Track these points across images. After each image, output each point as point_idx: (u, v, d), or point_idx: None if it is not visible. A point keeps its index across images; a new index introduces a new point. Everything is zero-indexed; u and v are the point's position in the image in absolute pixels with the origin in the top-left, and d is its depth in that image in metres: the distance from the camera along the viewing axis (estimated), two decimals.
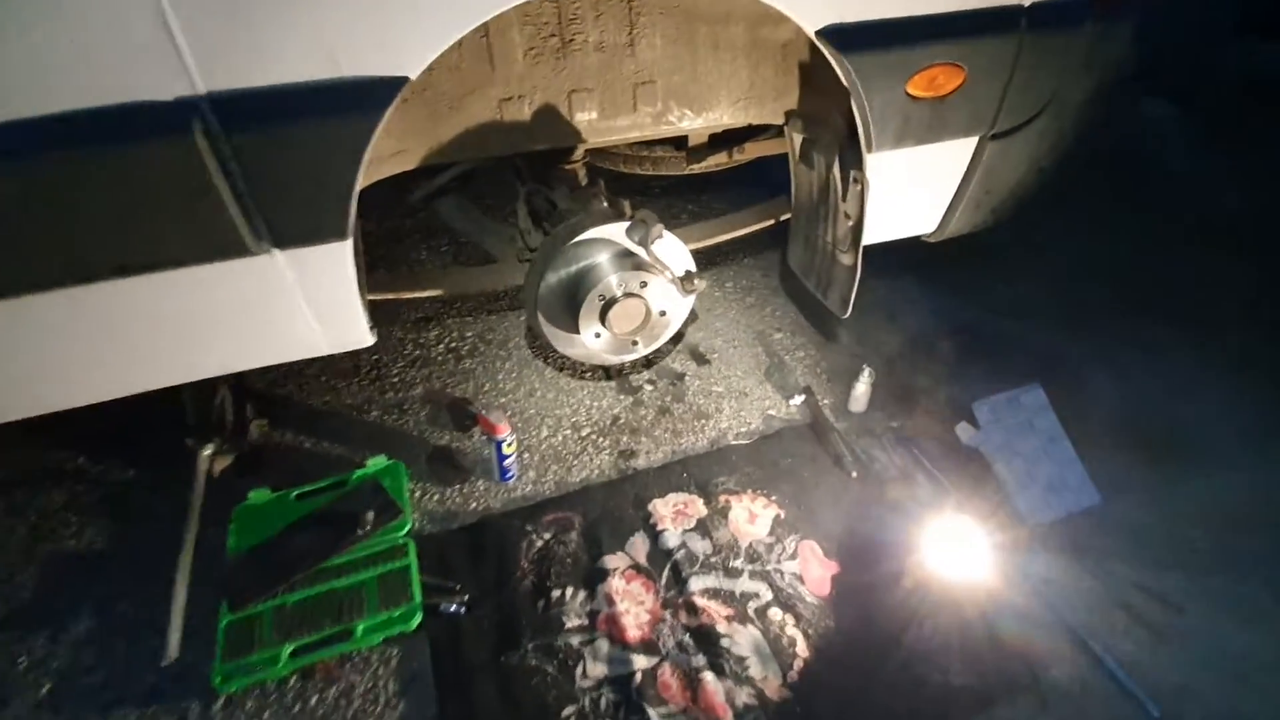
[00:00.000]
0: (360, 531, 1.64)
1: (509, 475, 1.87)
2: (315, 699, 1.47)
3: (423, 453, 1.95)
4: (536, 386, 2.18)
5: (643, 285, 1.59)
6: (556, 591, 1.62)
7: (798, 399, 2.13)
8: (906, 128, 1.45)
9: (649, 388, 2.19)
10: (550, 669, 1.49)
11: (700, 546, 1.72)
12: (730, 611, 1.59)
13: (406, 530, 1.69)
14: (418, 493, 1.86)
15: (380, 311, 2.33)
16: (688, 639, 1.54)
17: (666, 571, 1.67)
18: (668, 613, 1.60)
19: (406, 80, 1.09)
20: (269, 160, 1.08)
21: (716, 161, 2.23)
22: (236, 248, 1.14)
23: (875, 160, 1.49)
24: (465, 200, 1.96)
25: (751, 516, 1.79)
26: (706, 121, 1.73)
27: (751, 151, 2.23)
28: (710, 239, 2.13)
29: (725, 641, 1.53)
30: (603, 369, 2.22)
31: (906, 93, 1.39)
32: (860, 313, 1.75)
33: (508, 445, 1.81)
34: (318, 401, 2.11)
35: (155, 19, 0.94)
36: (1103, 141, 1.81)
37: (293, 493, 1.76)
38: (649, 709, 1.43)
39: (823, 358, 2.32)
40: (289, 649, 1.47)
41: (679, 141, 2.21)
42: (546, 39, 1.49)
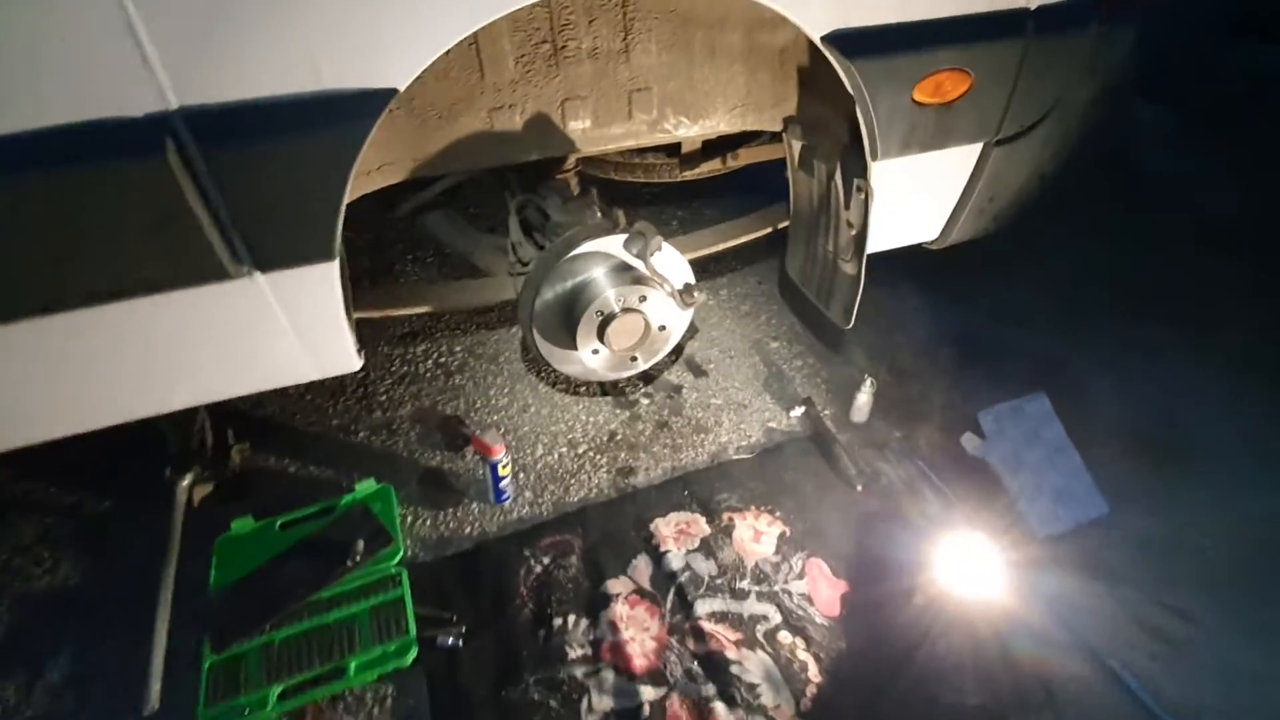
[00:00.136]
0: (350, 562, 1.58)
1: (504, 497, 1.80)
2: None
3: (413, 475, 1.88)
4: (530, 402, 2.12)
5: (642, 300, 1.53)
6: (558, 620, 1.56)
7: (798, 410, 2.09)
8: (912, 135, 1.41)
9: (646, 401, 2.14)
10: (554, 703, 1.43)
11: (705, 568, 1.67)
12: (739, 636, 1.54)
13: (399, 559, 1.62)
14: (409, 518, 1.78)
15: (366, 328, 2.26)
16: (696, 667, 1.49)
17: (671, 595, 1.62)
18: (674, 639, 1.54)
19: (395, 92, 1.03)
20: (249, 179, 1.02)
21: (710, 168, 2.18)
22: (215, 271, 1.07)
23: (880, 168, 1.45)
24: (454, 213, 1.90)
25: (756, 535, 1.74)
26: (703, 129, 1.69)
27: (745, 158, 2.18)
28: (707, 249, 2.08)
29: (735, 668, 1.48)
30: (598, 383, 2.16)
31: (912, 99, 1.35)
32: (858, 320, 1.71)
33: (503, 467, 1.74)
34: (302, 423, 2.03)
35: (122, 29, 0.87)
36: (1104, 146, 1.79)
37: (277, 521, 1.68)
38: None
39: (821, 367, 2.28)
40: (277, 690, 1.40)
41: (671, 148, 2.16)
42: (538, 46, 1.43)
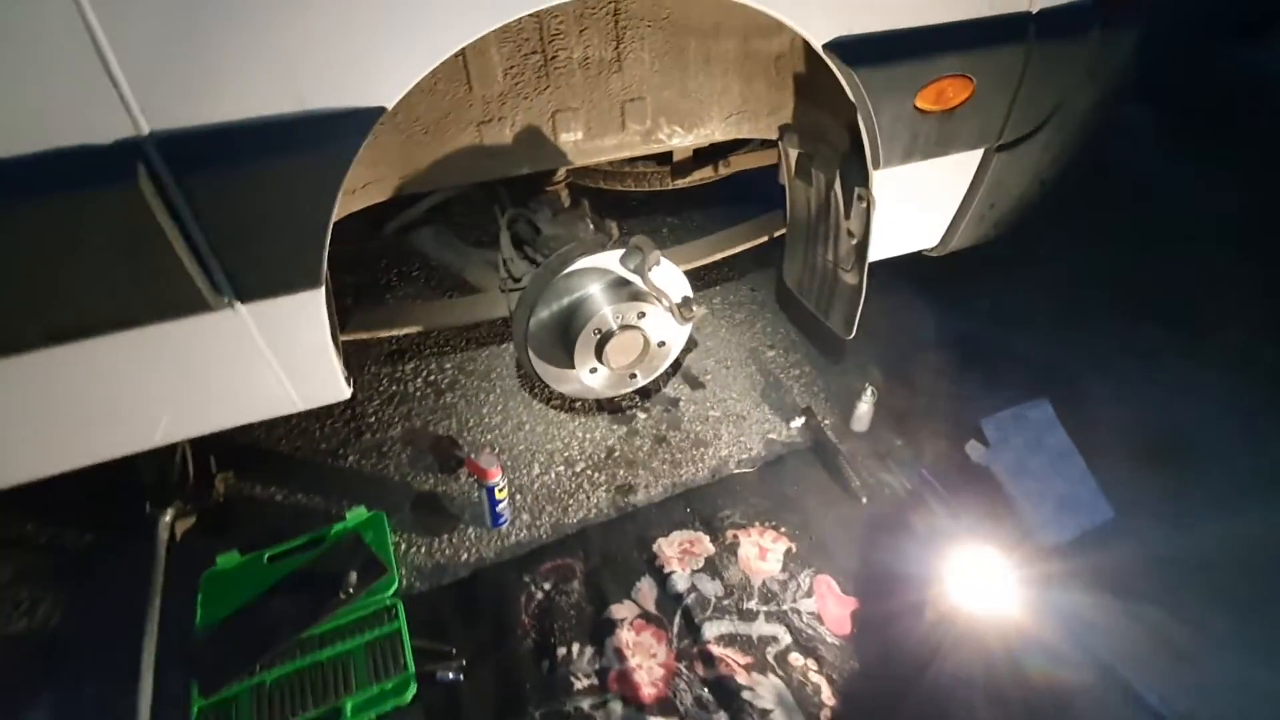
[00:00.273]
0: (343, 594, 1.52)
1: (501, 521, 1.74)
2: None
3: (406, 500, 1.82)
4: (524, 420, 2.07)
5: (640, 316, 1.49)
6: (561, 649, 1.50)
7: (798, 421, 2.05)
8: (914, 143, 1.38)
9: (643, 415, 2.09)
10: None
11: (711, 588, 1.63)
12: (749, 659, 1.50)
13: (394, 590, 1.56)
14: (403, 545, 1.72)
15: (352, 348, 2.19)
16: (706, 694, 1.44)
17: (678, 618, 1.57)
18: (682, 664, 1.49)
19: (383, 111, 0.97)
20: (227, 205, 0.96)
21: (702, 176, 2.14)
22: (193, 303, 1.01)
23: (881, 177, 1.41)
24: (443, 230, 1.84)
25: (762, 552, 1.70)
26: (697, 138, 1.64)
27: (737, 164, 2.15)
28: (703, 259, 2.04)
29: (747, 694, 1.44)
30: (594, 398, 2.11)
31: (915, 107, 1.31)
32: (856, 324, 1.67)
33: (500, 490, 1.69)
34: (288, 448, 1.96)
35: (87, 50, 0.81)
36: (1104, 150, 1.77)
37: (265, 554, 1.61)
38: None
39: (819, 375, 2.25)
40: None
41: (662, 156, 2.11)
42: (527, 56, 1.38)
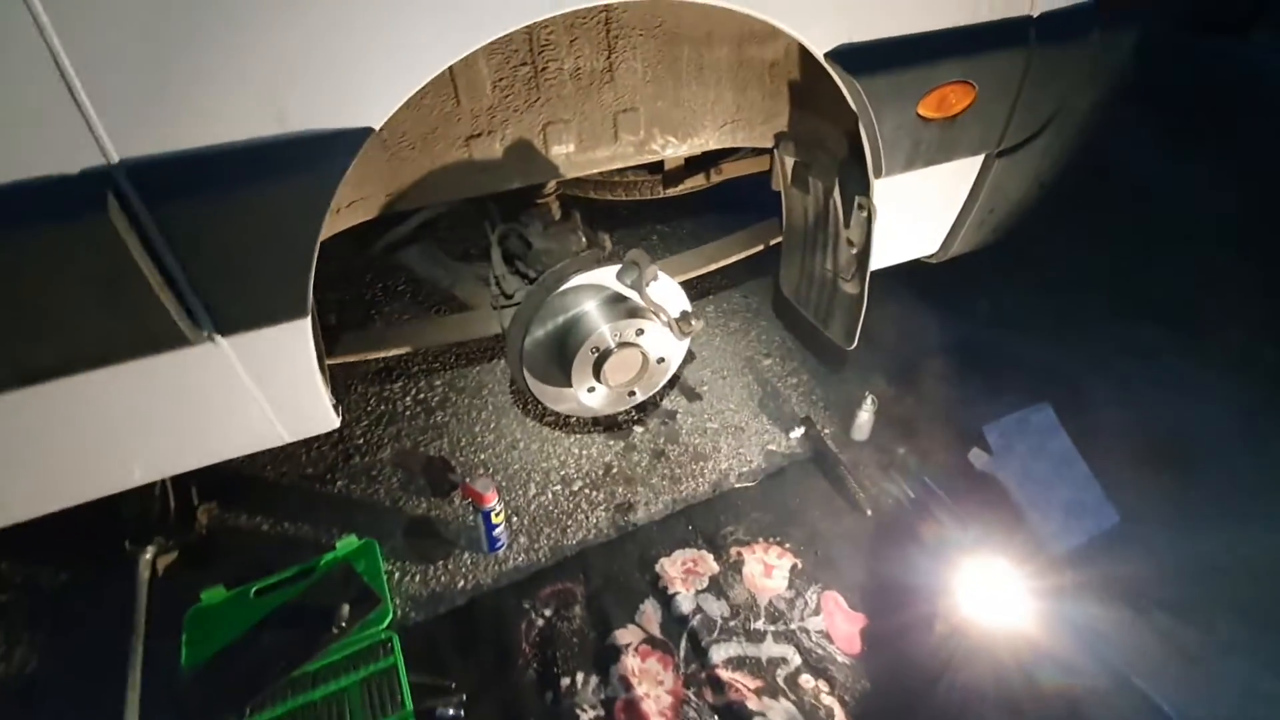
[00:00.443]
0: (335, 629, 1.45)
1: (499, 545, 1.69)
2: None
3: (398, 526, 1.76)
4: (519, 437, 2.01)
5: (639, 333, 1.45)
6: (565, 679, 1.45)
7: (797, 431, 2.02)
8: (916, 151, 1.35)
9: (640, 430, 2.05)
10: None
11: (716, 609, 1.58)
12: (759, 683, 1.46)
13: (388, 621, 1.50)
14: (396, 574, 1.66)
15: (338, 369, 2.12)
16: None
17: (684, 642, 1.53)
18: (691, 691, 1.45)
19: (370, 131, 0.92)
20: (204, 236, 0.90)
21: (694, 184, 2.10)
22: (171, 338, 0.96)
23: (883, 185, 1.38)
24: (432, 247, 1.79)
25: (767, 569, 1.66)
26: (691, 148, 1.61)
27: (728, 172, 2.11)
28: (699, 270, 2.00)
29: None
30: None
31: (917, 114, 1.28)
32: None
33: (496, 514, 1.63)
34: (273, 474, 1.89)
35: (51, 77, 0.75)
36: (1103, 152, 1.75)
37: (252, 588, 1.54)
38: None
39: (817, 383, 2.21)
40: None
41: (653, 164, 2.07)
42: (517, 68, 1.34)
